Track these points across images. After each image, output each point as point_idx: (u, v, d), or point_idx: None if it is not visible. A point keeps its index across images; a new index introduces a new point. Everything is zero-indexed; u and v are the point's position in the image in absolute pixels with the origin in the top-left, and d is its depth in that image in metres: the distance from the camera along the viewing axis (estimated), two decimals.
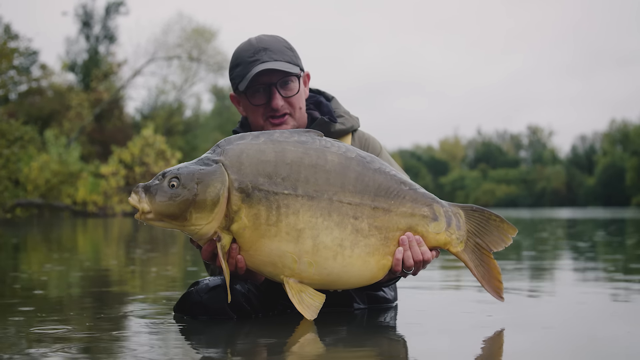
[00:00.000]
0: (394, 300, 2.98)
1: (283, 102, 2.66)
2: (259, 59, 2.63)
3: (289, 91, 2.66)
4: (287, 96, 2.66)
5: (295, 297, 2.30)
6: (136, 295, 3.63)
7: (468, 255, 2.43)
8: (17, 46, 16.14)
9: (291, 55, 2.69)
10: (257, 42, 2.68)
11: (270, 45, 2.66)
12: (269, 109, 2.66)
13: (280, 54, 2.66)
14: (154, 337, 2.30)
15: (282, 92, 2.65)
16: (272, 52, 2.65)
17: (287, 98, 2.66)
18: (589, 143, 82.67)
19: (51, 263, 5.82)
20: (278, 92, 2.64)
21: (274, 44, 2.68)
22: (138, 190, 2.24)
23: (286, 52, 2.68)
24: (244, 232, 2.25)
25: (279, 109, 2.65)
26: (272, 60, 2.63)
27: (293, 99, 2.67)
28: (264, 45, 2.66)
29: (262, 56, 2.64)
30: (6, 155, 15.33)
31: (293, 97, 2.67)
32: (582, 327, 2.51)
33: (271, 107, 2.65)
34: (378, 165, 2.37)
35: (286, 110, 2.67)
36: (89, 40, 42.45)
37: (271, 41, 2.69)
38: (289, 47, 2.71)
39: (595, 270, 4.77)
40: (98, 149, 36.07)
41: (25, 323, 2.66)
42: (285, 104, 2.66)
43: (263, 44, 2.67)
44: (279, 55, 2.65)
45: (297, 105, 2.69)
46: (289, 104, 2.67)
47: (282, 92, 2.65)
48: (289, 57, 2.67)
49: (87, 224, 17.85)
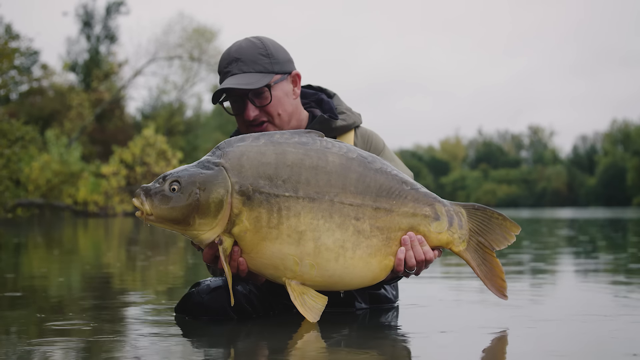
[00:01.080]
0: (396, 300, 2.98)
1: (257, 111, 2.64)
2: (229, 70, 2.63)
3: (263, 100, 2.64)
4: (262, 105, 2.64)
5: (297, 299, 2.30)
6: (137, 295, 3.63)
7: (470, 254, 2.43)
8: (18, 46, 16.10)
9: (265, 63, 2.63)
10: (233, 52, 2.65)
11: (243, 55, 2.63)
12: (243, 118, 2.67)
13: (252, 64, 2.62)
14: (155, 338, 2.30)
15: (256, 101, 2.63)
16: (243, 62, 2.62)
17: (262, 107, 2.64)
18: (590, 143, 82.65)
19: (52, 263, 5.82)
20: (252, 103, 2.63)
21: (248, 52, 2.63)
22: (139, 194, 2.24)
23: (259, 61, 2.63)
24: (246, 235, 2.25)
25: (255, 119, 2.64)
26: (241, 72, 2.61)
27: (268, 107, 2.64)
28: (237, 55, 2.64)
29: (232, 68, 2.63)
30: (7, 155, 15.30)
31: (267, 105, 2.64)
32: (582, 327, 2.51)
33: (244, 118, 2.66)
34: (379, 165, 2.36)
35: (263, 118, 2.65)
36: (89, 40, 42.44)
37: (246, 50, 2.64)
38: (266, 54, 2.65)
39: (596, 271, 4.77)
40: (99, 149, 36.08)
41: (26, 323, 2.66)
42: (261, 112, 2.64)
43: (237, 53, 2.64)
44: (250, 65, 2.62)
45: (274, 112, 2.65)
46: (265, 112, 2.65)
47: (257, 101, 2.63)
48: (260, 67, 2.63)
49: (88, 224, 17.85)
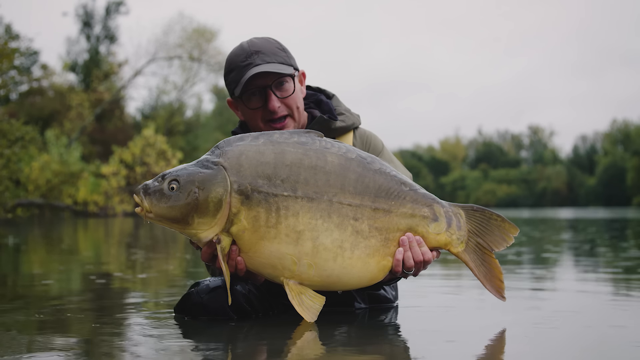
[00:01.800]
0: (395, 300, 2.98)
1: (280, 103, 2.64)
2: (251, 62, 2.62)
3: (285, 92, 2.65)
4: (283, 97, 2.64)
5: (295, 299, 2.30)
6: (137, 295, 3.63)
7: (469, 255, 2.42)
8: (18, 46, 16.07)
9: (284, 56, 2.67)
10: (249, 46, 2.66)
11: (262, 48, 2.65)
12: (267, 112, 2.64)
13: (272, 55, 2.64)
14: (155, 338, 2.30)
15: (277, 93, 2.64)
16: (264, 54, 2.64)
17: (284, 99, 2.65)
18: (589, 143, 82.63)
19: (52, 263, 5.82)
20: (274, 94, 2.63)
21: (265, 46, 2.66)
22: (139, 192, 2.24)
23: (279, 54, 2.66)
24: (244, 234, 2.25)
25: (276, 111, 2.63)
26: (265, 62, 2.62)
27: (289, 99, 2.65)
28: (256, 48, 2.65)
29: (254, 59, 2.62)
30: (7, 155, 15.29)
31: (289, 97, 2.65)
32: (584, 328, 2.51)
33: (269, 110, 2.63)
34: (378, 165, 2.36)
35: (284, 112, 2.65)
36: (89, 41, 42.45)
37: (263, 44, 2.67)
38: (281, 48, 2.70)
39: (597, 271, 4.77)
40: (99, 149, 36.09)
41: (26, 324, 2.66)
42: (282, 105, 2.65)
43: (255, 47, 2.65)
44: (271, 57, 2.64)
45: (294, 106, 2.67)
46: (286, 105, 2.65)
47: (278, 93, 2.64)
48: (281, 58, 2.66)
49: (88, 224, 17.85)
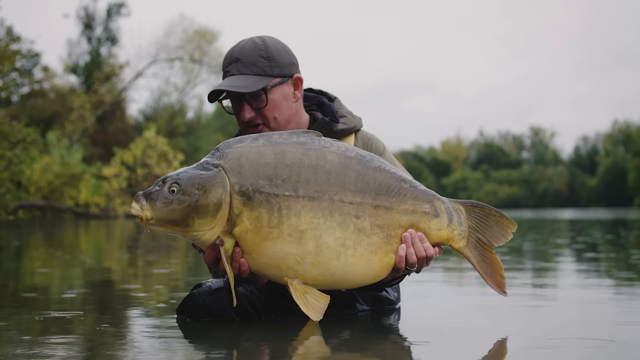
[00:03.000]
0: (397, 302, 2.97)
1: (253, 113, 2.64)
2: (228, 71, 2.64)
3: (259, 102, 2.63)
4: (257, 107, 2.64)
5: (300, 298, 2.29)
6: (138, 297, 3.63)
7: (470, 250, 2.43)
8: (19, 48, 16.10)
9: (264, 66, 2.62)
10: (235, 52, 2.65)
11: (244, 56, 2.63)
12: (241, 119, 2.67)
13: (250, 66, 2.62)
14: (157, 340, 2.29)
15: (253, 103, 2.63)
16: (242, 64, 2.62)
17: (258, 109, 2.64)
18: (591, 144, 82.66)
19: (53, 265, 5.82)
20: (248, 104, 2.63)
21: (248, 53, 2.63)
22: (139, 198, 2.23)
23: (258, 63, 2.62)
24: (247, 236, 2.25)
25: (248, 120, 2.64)
26: (239, 73, 2.61)
27: (264, 110, 2.64)
28: (238, 55, 2.64)
29: (231, 68, 2.63)
30: (8, 157, 15.31)
31: (263, 108, 2.64)
32: (585, 328, 2.50)
33: (240, 119, 2.66)
34: (378, 163, 2.37)
35: (258, 121, 2.65)
36: (90, 42, 42.52)
37: (248, 51, 2.64)
38: (266, 56, 2.64)
39: (598, 271, 4.76)
40: (100, 151, 36.13)
41: (27, 324, 2.66)
42: (257, 114, 2.65)
43: (238, 54, 2.64)
44: (248, 67, 2.62)
45: (270, 116, 2.65)
46: (261, 114, 2.65)
47: (253, 103, 2.63)
48: (259, 69, 2.62)
49: (90, 226, 17.87)
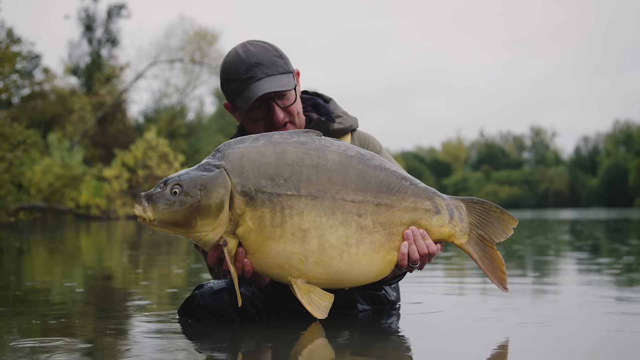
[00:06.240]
0: (397, 302, 2.98)
1: (283, 113, 2.64)
2: (253, 76, 2.58)
3: (287, 100, 2.63)
4: (286, 106, 2.64)
5: (304, 297, 2.30)
6: (140, 298, 3.63)
7: (472, 247, 2.44)
8: (19, 50, 16.11)
9: (282, 64, 2.63)
10: (248, 56, 2.60)
11: (262, 59, 2.60)
12: (270, 122, 2.64)
13: (273, 66, 2.61)
14: (158, 340, 2.30)
15: (280, 103, 2.62)
16: (265, 66, 2.59)
17: (286, 107, 2.64)
18: (592, 144, 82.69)
19: (54, 266, 5.82)
20: (277, 106, 2.62)
21: (264, 56, 2.61)
22: (141, 200, 2.23)
23: (277, 62, 2.62)
24: (250, 236, 2.25)
25: (281, 122, 2.63)
26: (267, 76, 2.58)
27: (291, 107, 2.65)
28: (255, 59, 2.60)
29: (256, 73, 2.58)
30: (9, 159, 15.34)
31: (291, 106, 2.65)
32: (585, 329, 2.50)
33: (273, 121, 2.62)
34: (378, 162, 2.38)
35: (286, 120, 2.65)
36: (91, 44, 42.58)
37: (261, 53, 2.61)
38: (279, 55, 2.65)
39: (599, 271, 4.76)
40: (101, 152, 36.17)
41: (28, 326, 2.66)
42: (285, 113, 2.65)
43: (254, 58, 2.60)
44: (272, 68, 2.60)
45: (295, 111, 2.67)
46: (288, 112, 2.65)
47: (280, 102, 2.63)
48: (281, 68, 2.62)
49: (91, 227, 17.87)
